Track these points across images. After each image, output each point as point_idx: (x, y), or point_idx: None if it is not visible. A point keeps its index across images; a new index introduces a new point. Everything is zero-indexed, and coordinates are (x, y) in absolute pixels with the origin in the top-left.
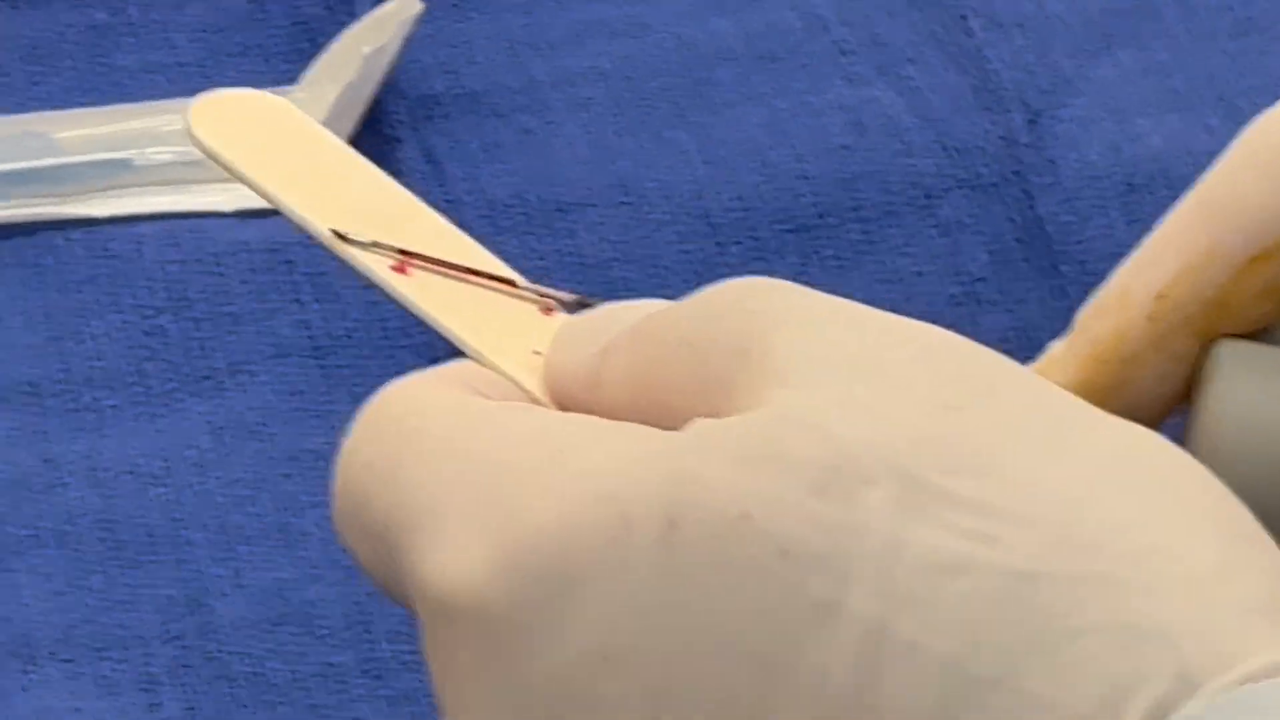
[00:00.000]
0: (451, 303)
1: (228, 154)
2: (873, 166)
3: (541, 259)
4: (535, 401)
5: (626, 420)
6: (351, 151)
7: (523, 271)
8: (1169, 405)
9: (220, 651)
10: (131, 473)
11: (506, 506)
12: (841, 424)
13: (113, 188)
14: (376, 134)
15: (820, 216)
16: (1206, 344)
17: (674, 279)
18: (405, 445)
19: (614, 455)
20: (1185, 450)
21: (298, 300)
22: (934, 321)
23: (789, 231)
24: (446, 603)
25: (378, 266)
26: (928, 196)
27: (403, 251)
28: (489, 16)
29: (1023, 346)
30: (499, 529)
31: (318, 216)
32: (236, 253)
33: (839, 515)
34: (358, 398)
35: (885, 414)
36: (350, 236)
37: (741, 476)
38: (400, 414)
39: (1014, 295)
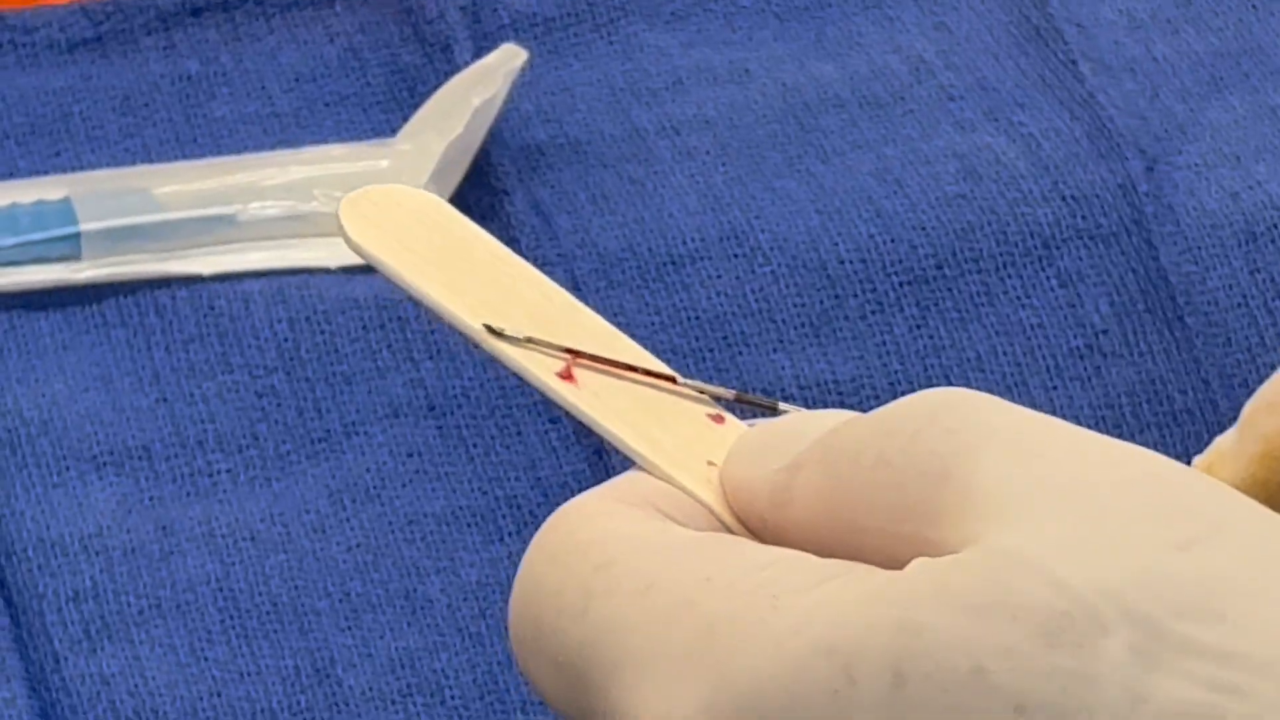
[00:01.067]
0: (619, 409)
1: (376, 249)
2: (989, 216)
3: (657, 313)
4: (718, 518)
5: (816, 539)
6: (502, 247)
7: (640, 327)
8: None
9: None
10: (250, 539)
11: (720, 655)
12: (1068, 566)
13: (216, 244)
14: (483, 186)
15: (938, 267)
16: None
17: (791, 333)
18: (596, 578)
19: (832, 601)
20: None
21: (411, 359)
22: (1056, 373)
23: (906, 283)
24: None
25: (540, 371)
26: (1046, 246)
27: (562, 348)
28: (587, 63)
29: (1150, 400)
30: (714, 679)
31: (469, 313)
32: (346, 310)
33: (1075, 666)
34: (475, 458)
35: (1112, 554)
36: (505, 332)
37: (971, 626)
38: (585, 541)
39: (1138, 348)
